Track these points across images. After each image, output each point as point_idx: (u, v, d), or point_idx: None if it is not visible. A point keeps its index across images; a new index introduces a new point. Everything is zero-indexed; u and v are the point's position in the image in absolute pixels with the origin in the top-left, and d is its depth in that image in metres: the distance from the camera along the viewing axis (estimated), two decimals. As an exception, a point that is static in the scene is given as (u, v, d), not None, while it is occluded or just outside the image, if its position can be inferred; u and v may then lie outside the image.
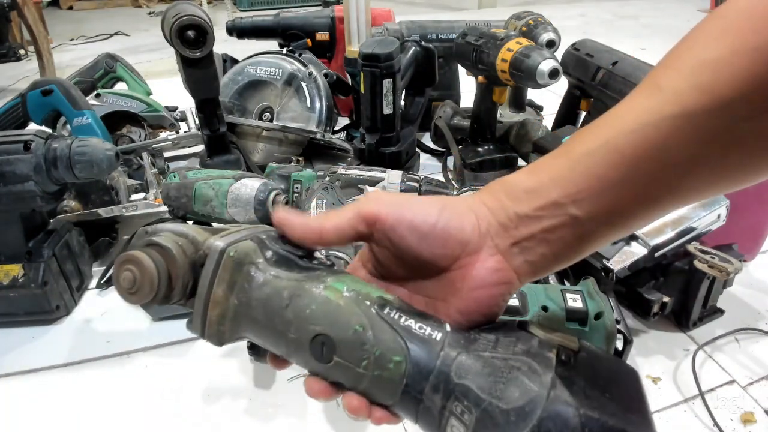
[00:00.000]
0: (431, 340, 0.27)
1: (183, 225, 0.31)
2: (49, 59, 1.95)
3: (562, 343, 0.28)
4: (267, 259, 0.29)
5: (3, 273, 0.74)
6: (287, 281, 0.29)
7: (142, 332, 0.76)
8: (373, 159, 1.10)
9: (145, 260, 0.28)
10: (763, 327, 0.73)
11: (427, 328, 0.28)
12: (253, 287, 0.29)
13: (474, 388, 0.26)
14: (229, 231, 0.31)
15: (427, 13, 3.18)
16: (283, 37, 1.42)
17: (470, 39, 1.02)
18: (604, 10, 3.03)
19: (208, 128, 1.05)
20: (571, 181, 0.28)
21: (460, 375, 0.26)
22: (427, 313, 0.30)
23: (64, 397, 0.66)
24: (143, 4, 3.78)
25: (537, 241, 0.29)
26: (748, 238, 0.80)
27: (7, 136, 0.70)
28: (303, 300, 0.28)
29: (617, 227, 0.29)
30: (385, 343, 0.27)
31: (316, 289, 0.29)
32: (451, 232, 0.30)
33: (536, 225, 0.29)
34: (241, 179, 0.76)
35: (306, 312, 0.28)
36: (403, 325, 0.28)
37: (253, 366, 0.69)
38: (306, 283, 0.29)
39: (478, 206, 0.30)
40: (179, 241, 0.29)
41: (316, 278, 0.29)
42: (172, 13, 0.95)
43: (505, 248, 0.30)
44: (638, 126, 0.26)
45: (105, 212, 0.85)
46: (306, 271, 0.30)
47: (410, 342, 0.27)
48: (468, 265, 0.30)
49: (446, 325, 0.29)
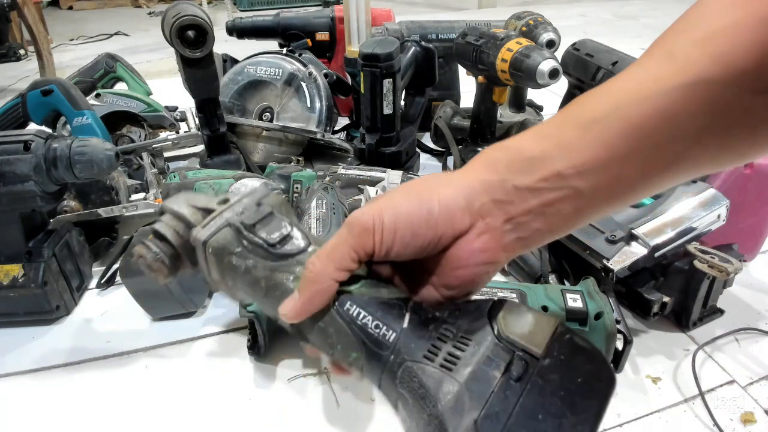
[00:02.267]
0: (384, 342, 0.29)
1: (183, 202, 0.34)
2: (49, 59, 1.95)
3: (525, 348, 0.27)
4: (244, 247, 0.31)
5: (3, 273, 0.74)
6: (262, 270, 0.31)
7: (142, 332, 0.76)
8: (373, 159, 1.10)
9: (148, 253, 0.33)
10: (763, 327, 0.73)
11: (383, 327, 0.29)
12: (237, 274, 0.31)
13: (409, 399, 0.28)
14: (218, 212, 0.32)
15: (427, 13, 3.18)
16: (283, 37, 1.42)
17: (470, 39, 1.02)
18: (604, 10, 3.03)
19: (208, 128, 1.05)
20: (578, 151, 0.27)
21: (402, 381, 0.28)
22: (390, 300, 0.30)
23: (64, 397, 0.66)
24: (143, 4, 3.78)
25: (533, 216, 0.28)
26: (748, 238, 0.79)
27: (7, 136, 0.70)
28: (276, 291, 0.31)
29: (616, 200, 0.28)
30: (344, 341, 0.30)
31: (286, 281, 0.31)
32: (439, 226, 0.29)
33: (535, 198, 0.28)
34: (241, 179, 0.76)
35: (280, 303, 0.31)
36: (359, 324, 0.29)
37: (253, 366, 0.69)
38: (277, 273, 0.31)
39: (470, 184, 0.29)
40: (176, 227, 0.33)
41: (286, 269, 0.31)
42: (172, 13, 0.95)
43: (497, 226, 0.29)
44: (649, 94, 0.25)
45: (105, 212, 0.85)
46: (278, 260, 0.31)
47: (366, 341, 0.29)
48: (453, 246, 0.29)
49: (405, 318, 0.29)
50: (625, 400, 0.63)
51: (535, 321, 0.28)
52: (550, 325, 0.28)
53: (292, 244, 0.31)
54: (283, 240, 0.31)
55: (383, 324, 0.29)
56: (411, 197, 0.29)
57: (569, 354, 0.27)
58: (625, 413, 0.61)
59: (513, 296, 0.67)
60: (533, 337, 0.27)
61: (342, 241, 0.29)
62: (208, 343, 0.74)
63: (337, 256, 0.29)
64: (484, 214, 0.29)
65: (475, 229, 0.29)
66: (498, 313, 0.28)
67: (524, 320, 0.28)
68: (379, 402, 0.64)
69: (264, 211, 0.32)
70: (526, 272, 0.79)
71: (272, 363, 0.70)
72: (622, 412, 0.61)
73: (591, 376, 0.26)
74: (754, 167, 0.74)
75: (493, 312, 0.29)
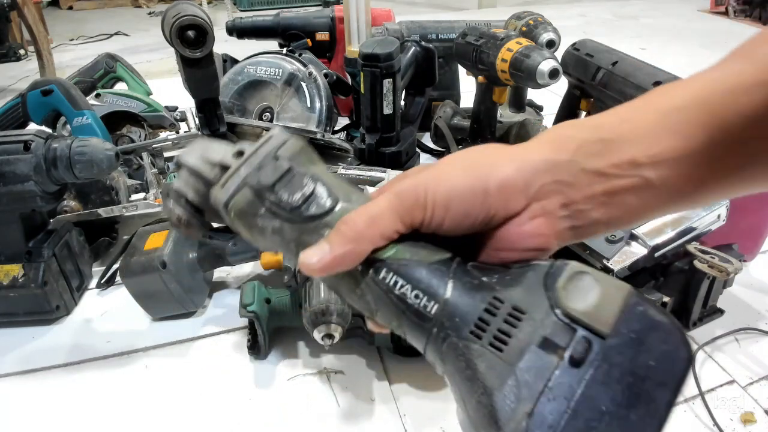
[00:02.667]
0: (425, 314, 0.26)
1: (199, 156, 0.32)
2: (49, 59, 1.95)
3: (589, 326, 0.23)
4: (267, 209, 0.29)
5: (3, 273, 0.74)
6: (290, 233, 0.29)
7: (142, 332, 0.76)
8: (373, 159, 1.10)
9: (172, 215, 0.33)
10: (763, 327, 0.73)
11: (423, 297, 0.26)
12: (265, 235, 0.29)
13: (456, 376, 0.25)
14: (234, 168, 0.30)
15: (427, 13, 3.18)
16: (283, 37, 1.42)
17: (470, 39, 1.02)
18: (604, 10, 3.03)
19: (208, 128, 1.05)
20: (655, 139, 0.25)
21: (447, 358, 0.26)
22: (431, 264, 0.27)
23: (64, 397, 0.66)
24: (143, 4, 3.78)
25: (595, 204, 0.26)
26: (748, 238, 0.79)
27: (7, 136, 0.70)
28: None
29: (681, 199, 0.27)
30: (383, 309, 0.28)
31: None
32: (493, 206, 0.27)
33: (602, 184, 0.26)
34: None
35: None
36: (397, 294, 0.27)
37: (253, 366, 0.69)
38: (305, 236, 0.28)
39: (533, 163, 0.27)
40: (195, 185, 0.32)
41: (314, 231, 0.28)
42: (172, 13, 0.95)
43: (553, 210, 0.27)
44: (731, 88, 0.24)
45: (105, 212, 0.85)
46: (304, 222, 0.28)
47: (406, 312, 0.27)
48: (502, 226, 0.27)
49: (448, 286, 0.26)
50: (625, 400, 0.63)
51: (602, 292, 0.24)
52: (620, 296, 0.24)
53: (316, 204, 0.28)
54: (307, 201, 0.28)
55: (424, 294, 0.26)
56: (467, 172, 0.27)
57: (641, 331, 0.23)
58: (625, 413, 0.61)
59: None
60: (599, 312, 0.24)
61: (389, 208, 0.27)
62: (208, 343, 0.74)
63: (381, 223, 0.27)
64: (542, 196, 0.26)
65: (529, 211, 0.27)
66: (557, 281, 0.25)
67: (589, 291, 0.24)
68: (379, 402, 0.64)
69: (282, 167, 0.29)
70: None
71: (272, 363, 0.70)
72: (622, 412, 0.61)
73: (665, 358, 0.23)
74: (754, 167, 0.74)
75: (550, 279, 0.25)
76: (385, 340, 0.68)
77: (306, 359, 0.70)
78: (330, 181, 0.30)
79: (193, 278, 0.76)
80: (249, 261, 0.80)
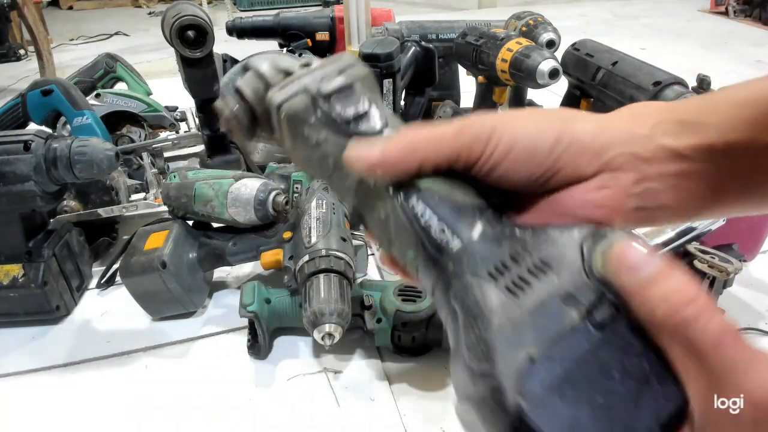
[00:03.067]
0: (446, 249, 0.25)
1: (267, 61, 0.32)
2: (49, 59, 1.95)
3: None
4: (318, 119, 0.28)
5: (3, 273, 0.74)
6: (333, 147, 0.28)
7: (142, 332, 0.76)
8: (373, 159, 1.10)
9: (225, 109, 0.32)
10: (763, 327, 0.73)
11: (448, 233, 0.25)
12: (308, 146, 0.29)
13: (460, 315, 0.24)
14: (297, 76, 0.30)
15: (427, 13, 3.18)
16: (283, 37, 1.42)
17: (470, 39, 1.02)
18: (604, 10, 3.03)
19: (208, 128, 1.05)
20: (732, 127, 0.24)
21: (457, 295, 0.24)
22: (464, 204, 0.26)
23: (64, 397, 0.66)
24: (143, 4, 3.78)
25: (666, 186, 0.25)
26: (748, 238, 0.79)
27: (7, 136, 0.70)
28: (342, 172, 0.28)
29: (748, 194, 0.26)
30: (403, 238, 0.27)
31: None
32: (562, 159, 0.25)
33: (677, 164, 0.25)
34: (241, 179, 0.76)
35: (345, 185, 0.29)
36: (423, 224, 0.26)
37: (253, 366, 0.69)
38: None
39: (611, 130, 0.25)
40: (257, 86, 0.31)
41: None
42: (172, 13, 0.95)
43: (625, 184, 0.25)
44: None
45: (105, 212, 0.85)
46: (350, 138, 0.28)
47: (426, 244, 0.26)
48: (563, 189, 0.25)
49: (476, 228, 0.25)
50: (625, 400, 0.63)
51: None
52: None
53: (367, 123, 0.28)
54: (359, 118, 0.28)
55: (449, 229, 0.25)
56: (541, 117, 0.26)
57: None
58: (625, 413, 0.61)
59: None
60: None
61: (446, 137, 0.26)
62: (208, 343, 0.74)
63: (440, 145, 0.25)
64: (615, 167, 0.25)
65: (599, 179, 0.25)
66: (598, 244, 0.22)
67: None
68: (379, 402, 0.64)
69: (344, 82, 0.29)
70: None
71: (272, 363, 0.70)
72: (622, 412, 0.61)
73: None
74: (754, 167, 0.74)
75: (589, 242, 0.23)
76: (385, 340, 0.68)
77: (306, 359, 0.70)
78: (385, 110, 0.29)
79: (193, 278, 0.76)
80: (249, 261, 0.80)
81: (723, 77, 1.77)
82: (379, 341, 0.68)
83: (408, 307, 0.65)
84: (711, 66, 2.01)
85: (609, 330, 0.21)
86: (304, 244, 0.68)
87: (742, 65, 2.02)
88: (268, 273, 0.85)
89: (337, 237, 0.69)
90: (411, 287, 0.68)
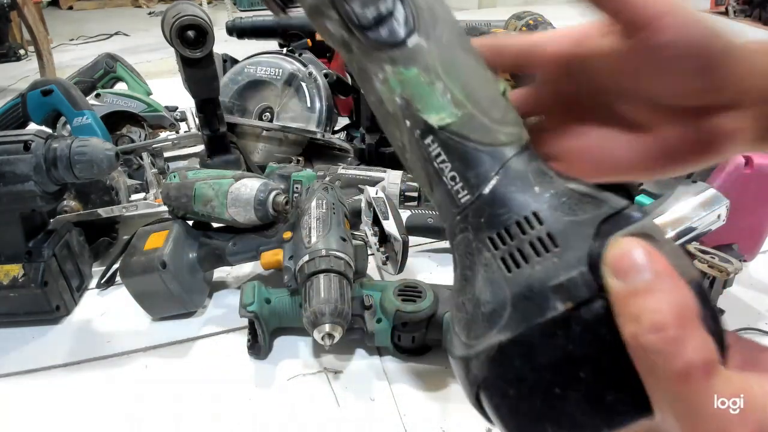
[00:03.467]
0: (454, 199, 0.24)
1: None
2: (49, 59, 1.95)
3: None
4: (339, 16, 0.24)
5: (3, 273, 0.74)
6: (357, 53, 0.25)
7: (142, 332, 0.76)
8: (373, 159, 1.10)
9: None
10: (763, 327, 0.73)
11: (459, 183, 0.23)
12: (335, 42, 0.26)
13: (457, 266, 0.24)
14: None
15: (427, 13, 3.17)
16: (283, 37, 1.42)
17: (470, 39, 1.02)
18: (604, 10, 3.03)
19: (208, 128, 1.05)
20: None
21: (458, 247, 0.24)
22: (484, 149, 0.23)
23: (64, 397, 0.66)
24: (143, 4, 3.78)
25: None
26: (748, 238, 0.79)
27: (7, 136, 0.70)
28: (367, 84, 0.25)
29: None
30: (418, 172, 0.25)
31: (377, 76, 0.24)
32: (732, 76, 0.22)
33: None
34: (241, 179, 0.76)
35: (370, 99, 0.26)
36: (435, 167, 0.24)
37: (253, 366, 0.69)
38: (368, 65, 0.24)
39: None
40: None
41: (376, 63, 0.24)
42: (172, 13, 0.95)
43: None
44: None
45: (105, 212, 0.85)
46: (369, 47, 0.24)
47: (435, 187, 0.24)
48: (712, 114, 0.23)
49: (490, 182, 0.23)
50: (625, 400, 0.63)
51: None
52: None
53: (389, 27, 0.23)
54: (380, 21, 0.23)
55: (461, 180, 0.23)
56: (700, 17, 0.23)
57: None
58: (625, 413, 0.61)
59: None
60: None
61: (581, 28, 0.23)
62: (208, 343, 0.74)
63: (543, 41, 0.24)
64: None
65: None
66: (618, 229, 0.20)
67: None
68: (379, 402, 0.64)
69: None
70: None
71: (272, 363, 0.70)
72: (622, 412, 0.61)
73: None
74: (754, 167, 0.74)
75: (608, 226, 0.21)
76: (385, 340, 0.68)
77: (306, 359, 0.70)
78: (425, 4, 0.24)
79: (193, 278, 0.76)
80: (249, 261, 0.80)
81: (723, 77, 1.76)
82: (379, 341, 0.68)
83: (408, 307, 0.65)
84: (711, 66, 2.00)
85: (590, 330, 0.19)
86: (304, 244, 0.68)
87: (742, 65, 2.01)
88: (268, 273, 0.85)
89: (337, 237, 0.69)
90: (411, 287, 0.68)
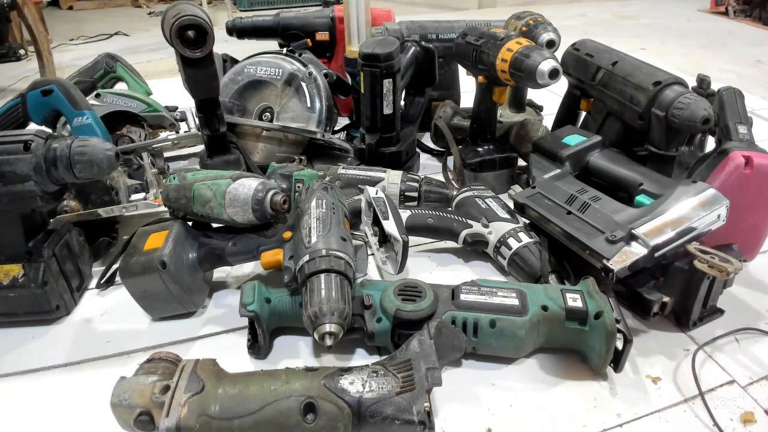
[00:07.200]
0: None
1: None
2: (49, 59, 1.95)
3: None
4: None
5: (3, 273, 0.74)
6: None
7: (142, 332, 0.76)
8: (373, 159, 1.10)
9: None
10: (763, 327, 0.73)
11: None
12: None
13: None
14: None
15: (427, 13, 3.18)
16: (283, 37, 1.42)
17: (470, 39, 1.02)
18: (604, 10, 3.03)
19: (208, 128, 1.05)
20: None
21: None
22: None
23: (64, 397, 0.66)
24: (143, 4, 3.78)
25: None
26: (748, 238, 0.79)
27: (7, 136, 0.70)
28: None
29: None
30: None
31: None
32: None
33: None
34: (239, 179, 0.76)
35: None
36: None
37: (253, 366, 0.69)
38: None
39: None
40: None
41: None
42: (172, 13, 0.95)
43: None
44: None
45: (105, 212, 0.85)
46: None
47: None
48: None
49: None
50: (625, 400, 0.63)
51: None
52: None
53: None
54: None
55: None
56: None
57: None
58: (625, 413, 0.61)
59: (513, 296, 0.67)
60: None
61: None
62: (208, 343, 0.74)
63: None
64: None
65: None
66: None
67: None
68: (379, 402, 0.64)
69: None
70: (526, 272, 0.79)
71: (272, 363, 0.70)
72: (621, 412, 0.61)
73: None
74: (754, 167, 0.74)
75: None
76: (385, 340, 0.68)
77: (306, 359, 0.70)
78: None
79: (193, 278, 0.76)
80: (249, 261, 0.80)
81: (723, 77, 1.77)
82: (379, 341, 0.68)
83: (408, 307, 0.65)
84: (711, 66, 2.01)
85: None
86: (304, 244, 0.68)
87: (742, 65, 2.02)
88: (268, 273, 0.85)
89: (337, 237, 0.69)
90: (411, 287, 0.68)
